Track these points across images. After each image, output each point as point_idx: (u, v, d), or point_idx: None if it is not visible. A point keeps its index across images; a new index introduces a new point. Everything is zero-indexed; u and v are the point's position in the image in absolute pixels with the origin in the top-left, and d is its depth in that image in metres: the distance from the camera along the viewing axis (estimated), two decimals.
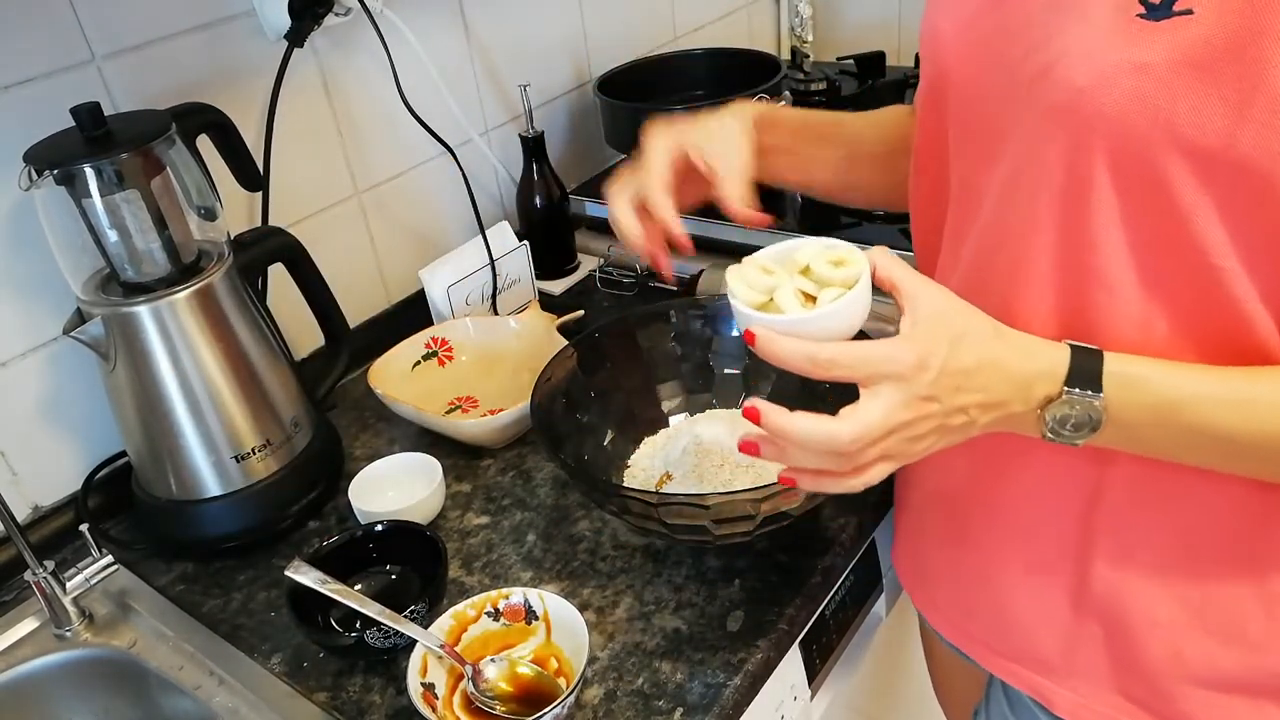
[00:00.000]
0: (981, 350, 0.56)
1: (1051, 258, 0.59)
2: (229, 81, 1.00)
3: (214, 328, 0.86)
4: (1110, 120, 0.53)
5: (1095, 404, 0.55)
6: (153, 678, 0.81)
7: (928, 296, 0.57)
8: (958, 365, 0.55)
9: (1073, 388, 0.55)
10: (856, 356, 0.55)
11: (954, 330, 0.55)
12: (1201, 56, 0.49)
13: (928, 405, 0.55)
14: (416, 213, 1.24)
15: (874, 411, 0.54)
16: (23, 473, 0.93)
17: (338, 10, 1.04)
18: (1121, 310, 0.57)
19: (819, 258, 0.61)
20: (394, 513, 0.88)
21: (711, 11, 1.66)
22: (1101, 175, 0.54)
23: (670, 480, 0.87)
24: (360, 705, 0.75)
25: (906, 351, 0.54)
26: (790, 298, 0.59)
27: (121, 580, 0.89)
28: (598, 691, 0.73)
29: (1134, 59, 0.51)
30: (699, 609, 0.79)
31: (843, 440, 0.54)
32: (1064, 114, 0.55)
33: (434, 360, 1.11)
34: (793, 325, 0.58)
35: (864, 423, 0.54)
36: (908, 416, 0.55)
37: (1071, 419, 0.56)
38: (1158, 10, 0.50)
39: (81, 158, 0.79)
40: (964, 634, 0.79)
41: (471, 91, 1.27)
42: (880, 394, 0.54)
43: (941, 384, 0.54)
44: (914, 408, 0.55)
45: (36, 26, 0.86)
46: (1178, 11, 0.50)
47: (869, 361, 0.55)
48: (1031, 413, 0.57)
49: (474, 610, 0.76)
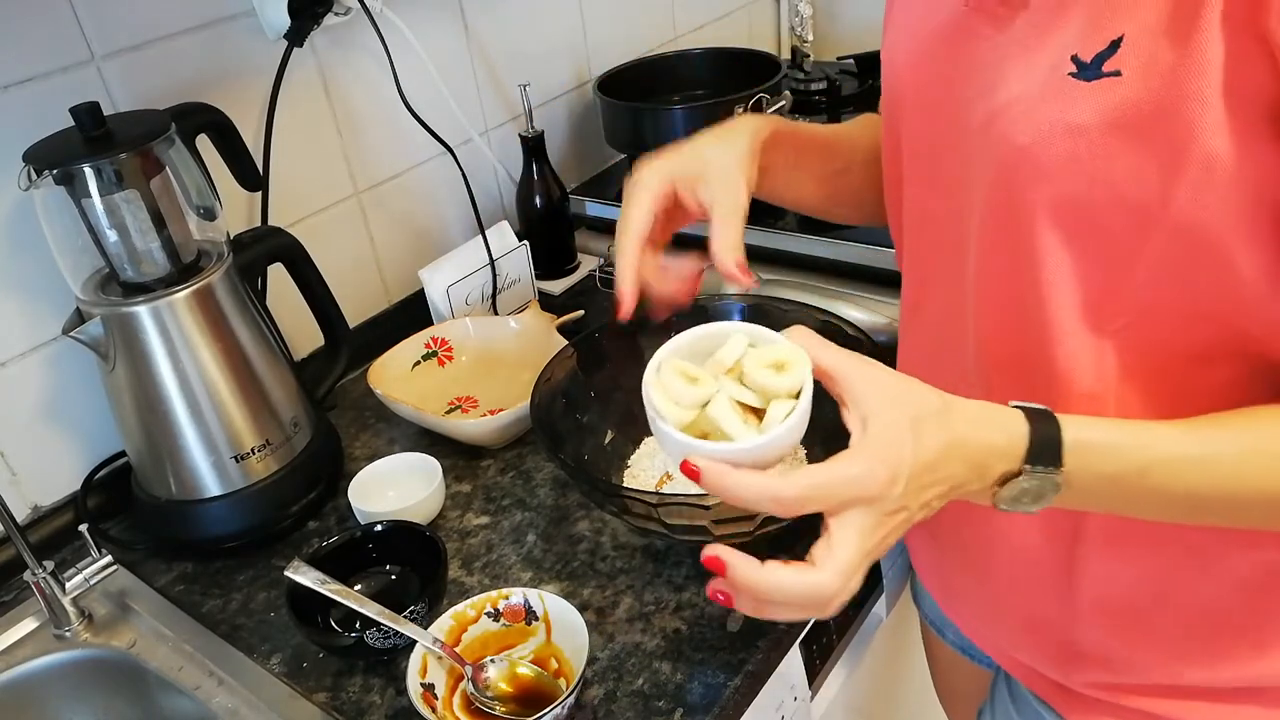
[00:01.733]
0: (941, 433, 0.52)
1: (1009, 299, 0.59)
2: (228, 81, 1.00)
3: (213, 328, 0.86)
4: (1049, 179, 0.53)
5: (1055, 479, 0.53)
6: (152, 678, 0.81)
7: (864, 382, 0.53)
8: (923, 461, 0.51)
9: (1034, 464, 0.53)
10: (825, 488, 0.50)
11: (907, 417, 0.51)
12: (1131, 119, 0.50)
13: (897, 516, 0.52)
14: (416, 212, 1.24)
15: (850, 547, 0.50)
16: (22, 473, 0.93)
17: (337, 10, 1.04)
18: (1079, 350, 0.57)
19: (753, 360, 0.54)
20: (394, 513, 0.88)
21: (711, 11, 1.66)
22: (1045, 228, 0.55)
23: (670, 480, 0.87)
24: (360, 705, 0.75)
25: (877, 469, 0.50)
26: (729, 415, 0.53)
27: (121, 580, 0.89)
28: (598, 692, 0.73)
29: (1069, 120, 0.51)
30: (699, 609, 0.79)
31: (829, 592, 0.50)
32: (1007, 169, 0.55)
33: (434, 360, 1.11)
34: (745, 454, 0.51)
35: (845, 563, 0.50)
36: (880, 534, 0.51)
37: (1029, 493, 0.54)
38: (1088, 70, 0.51)
39: (81, 157, 0.79)
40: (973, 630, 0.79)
41: (471, 91, 1.27)
42: (850, 522, 0.50)
43: (909, 489, 0.51)
44: (885, 524, 0.51)
45: (36, 26, 0.86)
46: (1107, 73, 0.50)
47: (838, 489, 0.50)
48: (987, 489, 0.54)
49: (474, 610, 0.75)
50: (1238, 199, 0.49)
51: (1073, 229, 0.54)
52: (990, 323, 0.62)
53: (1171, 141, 0.49)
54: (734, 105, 1.26)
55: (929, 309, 0.70)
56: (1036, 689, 0.75)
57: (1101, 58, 0.50)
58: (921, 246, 0.70)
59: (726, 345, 0.55)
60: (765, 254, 1.18)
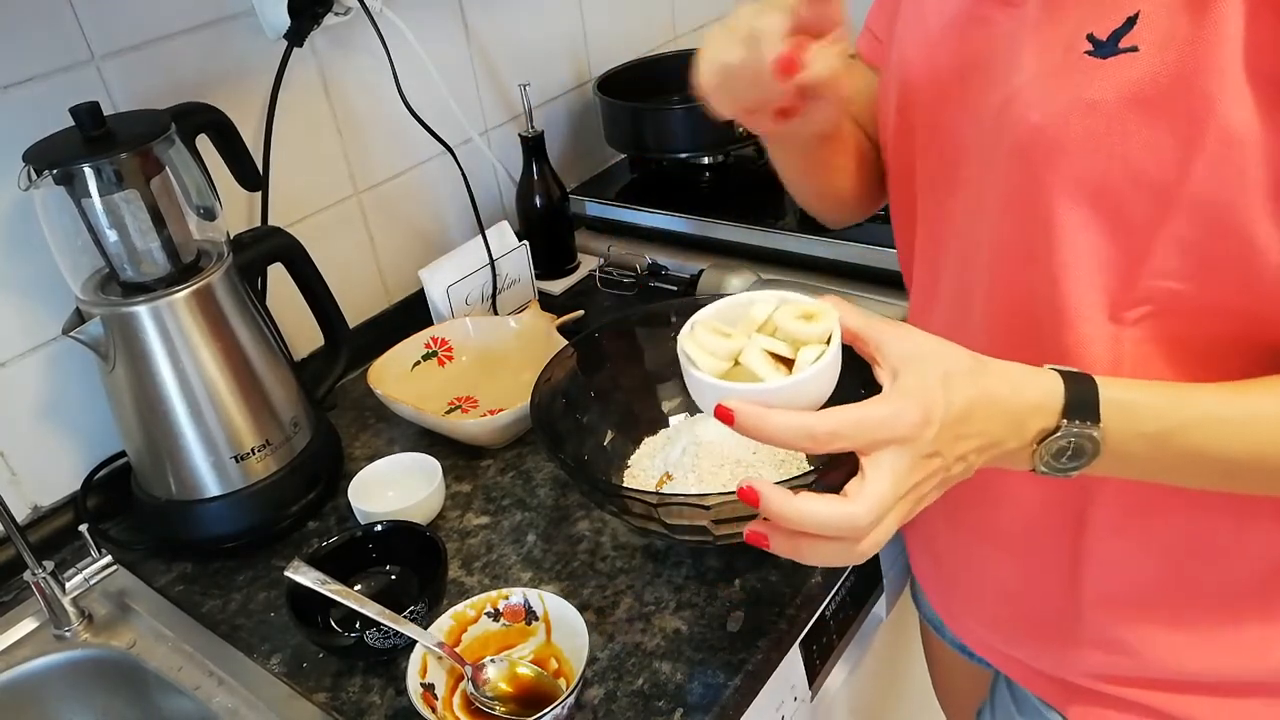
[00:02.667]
0: (971, 389, 0.52)
1: (1023, 286, 0.59)
2: (228, 81, 1.00)
3: (213, 328, 0.86)
4: (1067, 158, 0.53)
5: (1094, 434, 0.52)
6: (152, 678, 0.81)
7: (896, 340, 0.53)
8: (955, 411, 0.51)
9: (1071, 419, 0.52)
10: (858, 425, 0.50)
11: (940, 371, 0.51)
12: (1149, 94, 0.50)
13: (932, 462, 0.51)
14: (416, 212, 1.24)
15: (882, 483, 0.49)
16: (22, 473, 0.93)
17: (337, 10, 1.04)
18: (1093, 337, 0.57)
19: (783, 314, 0.55)
20: (394, 513, 0.88)
21: (711, 11, 1.66)
22: (1063, 208, 0.55)
23: (670, 480, 0.87)
24: (360, 706, 0.75)
25: (909, 410, 0.50)
26: (761, 362, 0.53)
27: (121, 580, 0.89)
28: (598, 692, 0.73)
29: (1085, 97, 0.52)
30: (699, 609, 0.79)
31: (862, 524, 0.49)
32: (1023, 151, 0.55)
33: (434, 360, 1.11)
34: (776, 394, 0.51)
35: (877, 496, 0.49)
36: (915, 478, 0.51)
37: (1069, 451, 0.53)
38: (1104, 48, 0.51)
39: (81, 157, 0.79)
40: (968, 632, 0.79)
41: (471, 91, 1.27)
42: (884, 462, 0.50)
43: (943, 436, 0.50)
44: (920, 468, 0.50)
45: (36, 26, 0.86)
46: (1123, 49, 0.50)
47: (870, 428, 0.50)
48: (1026, 448, 0.53)
49: (474, 610, 0.75)
50: (1257, 174, 0.49)
51: (1092, 209, 0.54)
52: (1002, 314, 0.62)
53: (1190, 115, 0.49)
54: None
55: (940, 302, 0.69)
56: (1035, 689, 0.75)
57: (1118, 34, 0.50)
58: (935, 240, 0.69)
59: (756, 304, 0.56)
60: (765, 254, 1.18)
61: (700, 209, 1.27)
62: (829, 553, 0.51)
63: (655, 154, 1.36)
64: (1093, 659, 0.69)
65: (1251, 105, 0.47)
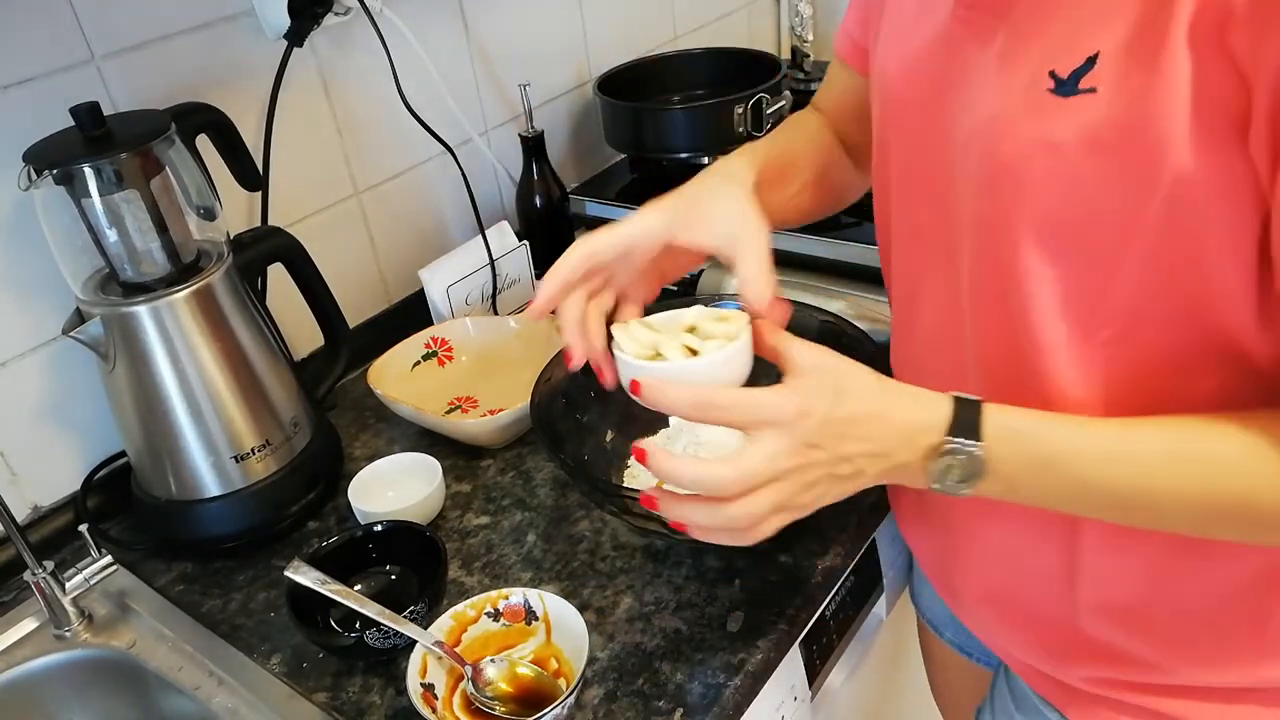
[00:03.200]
0: (864, 401, 0.56)
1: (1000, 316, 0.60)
2: (228, 81, 1.00)
3: (213, 328, 0.86)
4: (1031, 195, 0.54)
5: (976, 453, 0.55)
6: (152, 678, 0.81)
7: (809, 356, 0.58)
8: (841, 414, 0.55)
9: (954, 437, 0.55)
10: (737, 400, 0.56)
11: (836, 382, 0.56)
12: (1108, 137, 0.50)
13: (812, 452, 0.55)
14: (416, 212, 1.24)
15: (755, 455, 0.55)
16: (22, 473, 0.93)
17: (337, 10, 1.04)
18: (1066, 366, 0.58)
19: (705, 316, 0.63)
20: (394, 513, 0.88)
21: (711, 11, 1.66)
22: (1028, 243, 0.56)
23: None
24: (360, 706, 0.75)
25: (787, 398, 0.55)
26: (675, 350, 0.61)
27: (121, 580, 0.89)
28: (598, 692, 0.73)
29: (1047, 136, 0.52)
30: (699, 609, 0.79)
31: (727, 481, 0.54)
32: (991, 184, 0.56)
33: (434, 360, 1.11)
34: (676, 372, 0.59)
35: (746, 465, 0.54)
36: (792, 463, 0.55)
37: (955, 469, 0.56)
38: (1065, 86, 0.51)
39: (81, 157, 0.79)
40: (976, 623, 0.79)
41: (471, 91, 1.27)
42: (762, 439, 0.55)
43: (825, 431, 0.55)
44: (798, 454, 0.55)
45: (36, 26, 0.86)
46: (1083, 90, 0.50)
47: (749, 406, 0.55)
48: (918, 462, 0.56)
49: (474, 610, 0.75)
50: (1215, 213, 0.49)
51: (1055, 245, 0.55)
52: (984, 330, 0.63)
53: (1146, 158, 0.49)
54: (734, 105, 1.26)
55: (923, 314, 0.70)
56: (1037, 686, 0.75)
57: (1078, 74, 0.50)
58: (912, 255, 0.70)
59: (686, 312, 0.65)
60: None
61: None
62: (705, 516, 0.56)
63: (655, 154, 1.36)
64: (1092, 665, 0.69)
65: (1203, 147, 0.48)
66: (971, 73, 0.58)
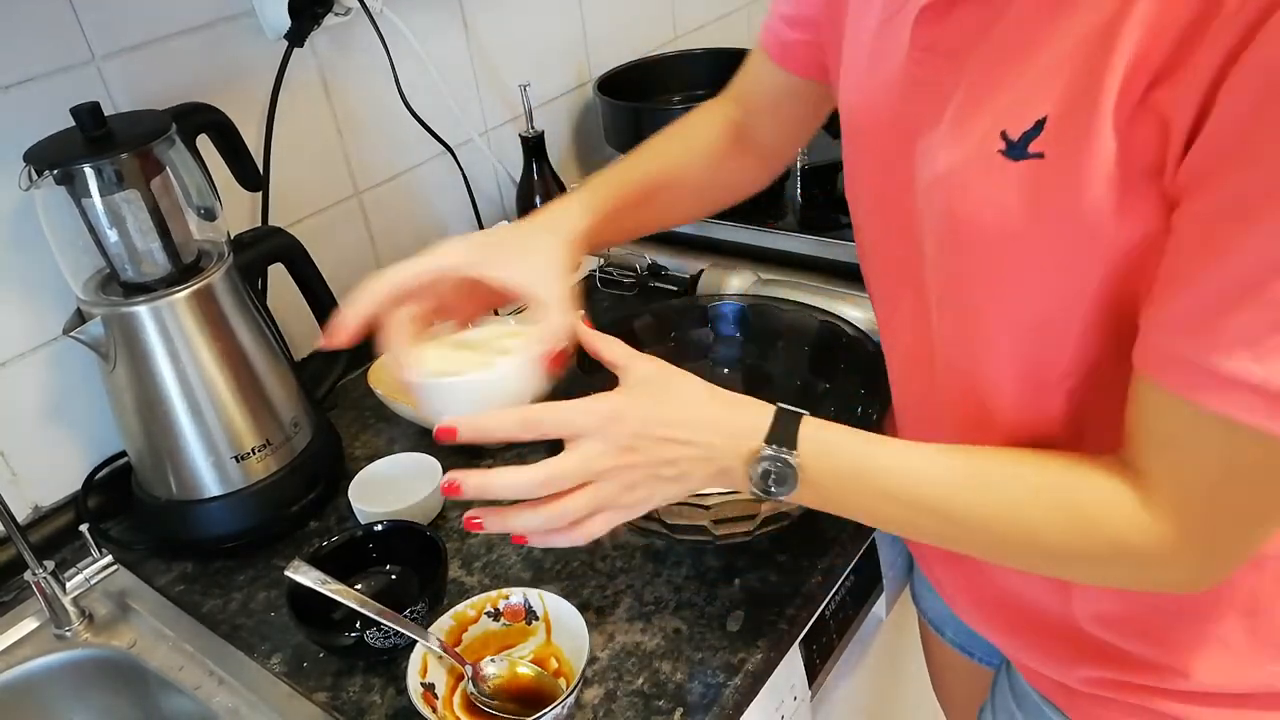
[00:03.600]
0: (688, 407, 0.59)
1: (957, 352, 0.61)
2: (229, 81, 1.01)
3: (214, 328, 0.86)
4: (985, 256, 0.54)
5: (790, 460, 0.57)
6: (152, 678, 0.81)
7: (639, 366, 0.61)
8: (660, 416, 0.58)
9: (771, 444, 0.58)
10: (556, 412, 0.58)
11: (660, 390, 0.60)
12: (1059, 201, 0.50)
13: (629, 455, 0.58)
14: (416, 213, 1.24)
15: (567, 459, 0.57)
16: (23, 473, 0.93)
17: (338, 10, 1.04)
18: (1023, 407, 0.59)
19: (498, 336, 0.66)
20: (394, 513, 0.88)
21: (711, 11, 1.66)
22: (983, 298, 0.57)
23: None
24: (360, 705, 0.75)
25: (601, 405, 0.58)
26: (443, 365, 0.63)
27: (121, 580, 0.89)
28: (598, 691, 0.73)
29: (998, 199, 0.52)
30: (699, 609, 0.79)
31: (532, 481, 0.57)
32: (950, 236, 0.57)
33: None
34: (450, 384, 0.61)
35: (554, 466, 0.57)
36: (607, 464, 0.57)
37: (772, 474, 0.58)
38: (1015, 149, 0.50)
39: (81, 158, 0.79)
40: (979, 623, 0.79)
41: (471, 91, 1.27)
42: (576, 445, 0.58)
43: (642, 435, 0.58)
44: (613, 456, 0.57)
45: (36, 26, 0.86)
46: (1032, 154, 0.50)
47: (566, 416, 0.58)
48: (740, 467, 0.59)
49: (474, 610, 0.76)
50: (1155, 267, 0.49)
51: (1008, 302, 0.56)
52: (949, 365, 0.64)
53: (1089, 225, 0.49)
54: None
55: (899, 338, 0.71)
56: (1038, 685, 0.75)
57: (1028, 137, 0.50)
58: (886, 282, 0.71)
59: (479, 331, 0.67)
60: (765, 254, 1.18)
61: None
62: (525, 520, 0.59)
63: None
64: (1094, 666, 0.69)
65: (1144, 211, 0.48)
66: (926, 120, 0.57)
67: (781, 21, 0.78)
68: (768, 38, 0.80)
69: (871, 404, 0.82)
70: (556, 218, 0.73)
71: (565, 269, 0.69)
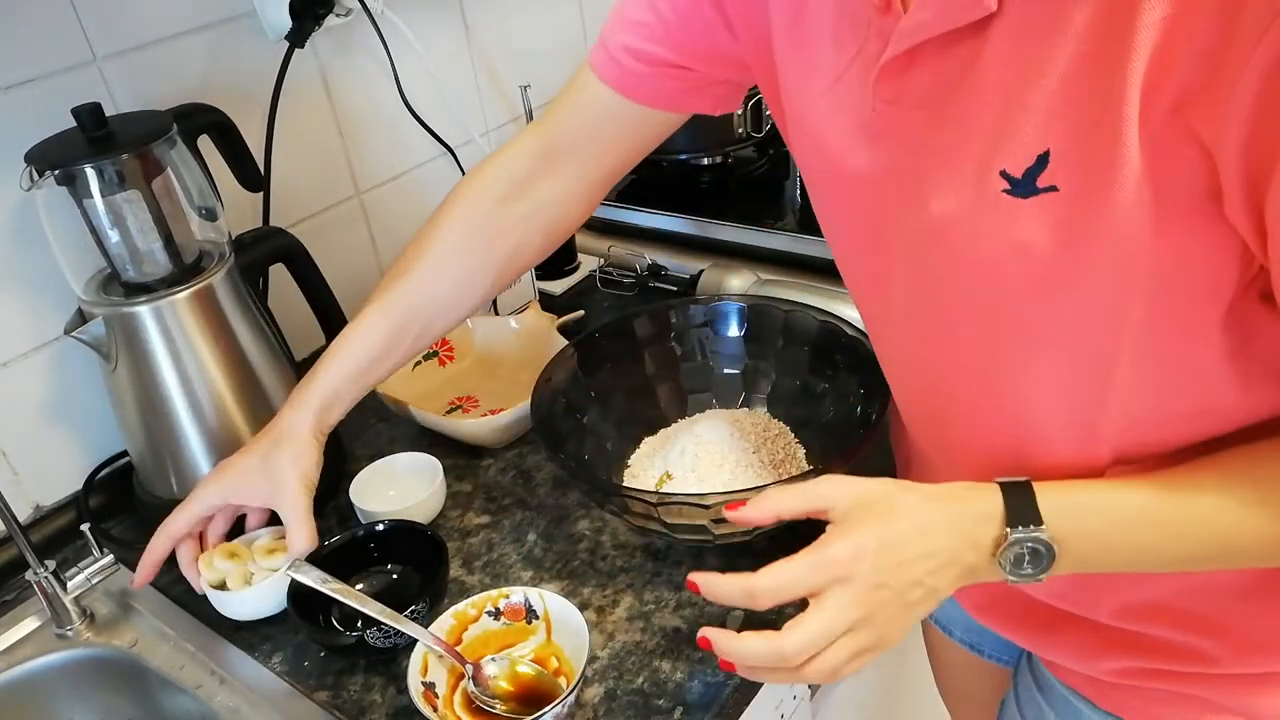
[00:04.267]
0: (914, 516, 0.56)
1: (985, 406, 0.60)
2: (230, 82, 1.01)
3: (215, 328, 0.87)
4: (1013, 300, 0.53)
5: (1042, 536, 0.54)
6: (154, 677, 0.82)
7: (842, 493, 0.57)
8: (895, 539, 0.55)
9: (1015, 526, 0.55)
10: (789, 575, 0.55)
11: (881, 508, 0.56)
12: (1079, 235, 0.49)
13: (880, 592, 0.54)
14: (417, 213, 1.24)
15: (816, 620, 0.54)
16: (24, 472, 0.94)
17: (338, 11, 1.04)
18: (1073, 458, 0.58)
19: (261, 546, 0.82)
20: (395, 512, 0.88)
21: None
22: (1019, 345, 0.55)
23: (670, 480, 0.87)
24: (361, 704, 0.75)
25: (834, 547, 0.55)
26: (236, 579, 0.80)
27: (122, 580, 0.88)
28: (598, 690, 0.73)
29: (1016, 238, 0.50)
30: (699, 609, 0.79)
31: (789, 653, 0.54)
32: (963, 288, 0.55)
33: (434, 360, 1.11)
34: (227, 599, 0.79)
35: (808, 632, 0.54)
36: (861, 613, 0.54)
37: (1026, 557, 0.55)
38: (1021, 187, 0.49)
39: (83, 158, 0.79)
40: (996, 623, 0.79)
41: (472, 92, 1.27)
42: (824, 601, 0.54)
43: (884, 564, 0.54)
44: (864, 602, 0.54)
45: (37, 27, 0.86)
46: (1042, 189, 0.48)
47: (804, 573, 0.55)
48: (986, 559, 0.56)
49: (474, 609, 0.76)
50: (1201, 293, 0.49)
51: (1048, 346, 0.54)
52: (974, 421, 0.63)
53: (1120, 251, 0.48)
54: None
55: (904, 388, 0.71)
56: (1066, 679, 0.74)
57: (1032, 173, 0.49)
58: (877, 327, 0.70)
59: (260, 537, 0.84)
60: (765, 254, 1.19)
61: (700, 209, 1.27)
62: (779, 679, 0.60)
63: (655, 154, 1.35)
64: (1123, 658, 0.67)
65: (1174, 229, 0.47)
66: (905, 166, 0.56)
67: (623, 53, 0.74)
68: (606, 65, 0.76)
69: (871, 404, 0.82)
70: (292, 423, 0.80)
71: (305, 475, 0.79)
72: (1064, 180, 0.48)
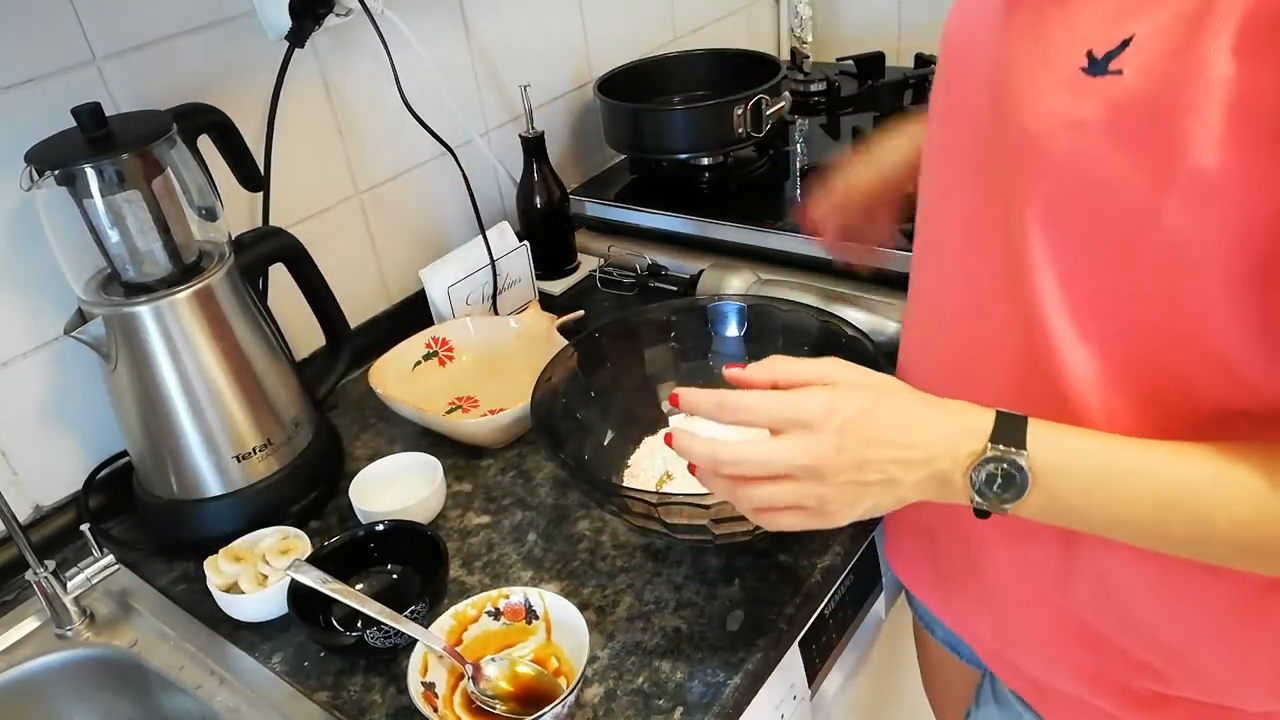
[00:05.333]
0: (903, 407, 0.57)
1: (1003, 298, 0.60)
2: (230, 82, 1.01)
3: (215, 328, 0.87)
4: (1050, 171, 0.53)
5: (1020, 461, 0.53)
6: (154, 677, 0.82)
7: (843, 371, 0.58)
8: (875, 415, 0.55)
9: (997, 443, 0.54)
10: (760, 400, 0.57)
11: (875, 389, 0.57)
12: (1129, 121, 0.49)
13: (837, 456, 0.55)
14: (417, 213, 1.24)
15: (763, 446, 0.56)
16: (24, 472, 0.94)
17: (338, 11, 1.04)
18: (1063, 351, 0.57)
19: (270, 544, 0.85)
20: (395, 512, 0.88)
21: (711, 12, 1.66)
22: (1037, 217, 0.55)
23: (670, 480, 0.87)
24: (361, 704, 0.75)
25: (815, 397, 0.56)
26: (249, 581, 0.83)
27: (122, 580, 0.89)
28: (598, 690, 0.73)
29: (1073, 114, 0.51)
30: (699, 609, 0.79)
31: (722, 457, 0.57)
32: (1014, 154, 0.55)
33: (434, 360, 1.11)
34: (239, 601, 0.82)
35: (748, 451, 0.56)
36: (810, 461, 0.55)
37: (998, 478, 0.54)
38: (1097, 66, 0.50)
39: (82, 158, 0.79)
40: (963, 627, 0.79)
41: (472, 92, 1.27)
42: (780, 436, 0.56)
43: (852, 432, 0.55)
44: (818, 455, 0.55)
45: (37, 27, 0.86)
46: (1111, 71, 0.50)
47: (774, 405, 0.56)
48: (959, 470, 0.55)
49: (474, 610, 0.76)
50: (1234, 219, 0.48)
51: (1064, 225, 0.54)
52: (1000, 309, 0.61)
53: (1165, 149, 0.48)
54: (734, 106, 1.26)
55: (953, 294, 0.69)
56: (1019, 690, 0.75)
57: (1111, 55, 0.50)
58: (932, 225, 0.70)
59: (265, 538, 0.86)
60: (765, 254, 1.19)
61: (700, 209, 1.27)
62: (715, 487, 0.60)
63: (655, 154, 1.37)
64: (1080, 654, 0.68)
65: (1230, 149, 0.46)
66: (1015, 32, 0.56)
67: None
68: None
69: None
70: None
71: None
72: (1133, 66, 0.49)
